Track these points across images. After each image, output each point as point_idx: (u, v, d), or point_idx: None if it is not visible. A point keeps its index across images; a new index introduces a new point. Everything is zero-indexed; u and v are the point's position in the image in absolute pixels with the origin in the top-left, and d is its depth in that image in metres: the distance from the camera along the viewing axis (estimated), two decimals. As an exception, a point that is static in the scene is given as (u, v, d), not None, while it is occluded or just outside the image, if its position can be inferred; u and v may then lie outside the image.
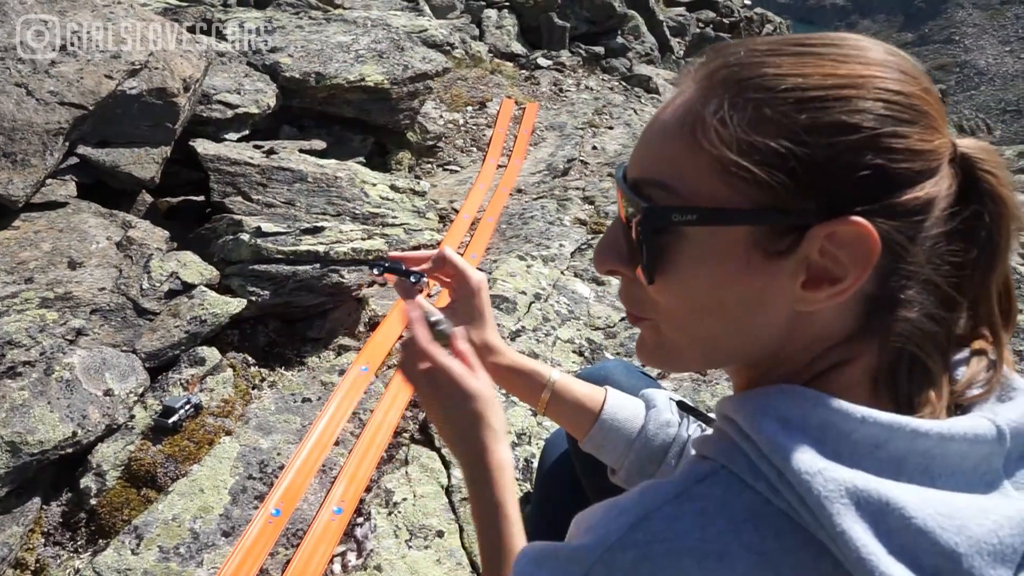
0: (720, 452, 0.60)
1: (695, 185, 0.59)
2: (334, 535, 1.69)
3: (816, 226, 0.56)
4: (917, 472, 0.54)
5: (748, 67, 0.59)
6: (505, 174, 3.94)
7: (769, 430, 0.56)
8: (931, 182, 0.56)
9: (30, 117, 2.39)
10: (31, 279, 2.12)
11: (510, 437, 1.99)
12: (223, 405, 1.98)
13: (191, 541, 1.64)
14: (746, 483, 0.56)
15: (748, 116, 0.57)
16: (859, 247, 0.55)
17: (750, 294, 0.60)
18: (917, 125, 0.56)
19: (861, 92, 0.56)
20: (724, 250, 0.59)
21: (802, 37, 0.60)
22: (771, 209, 0.57)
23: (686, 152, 0.60)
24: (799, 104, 0.56)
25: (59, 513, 1.73)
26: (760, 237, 0.58)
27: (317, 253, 2.27)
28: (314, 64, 3.51)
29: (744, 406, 0.60)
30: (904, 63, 0.59)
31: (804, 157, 0.55)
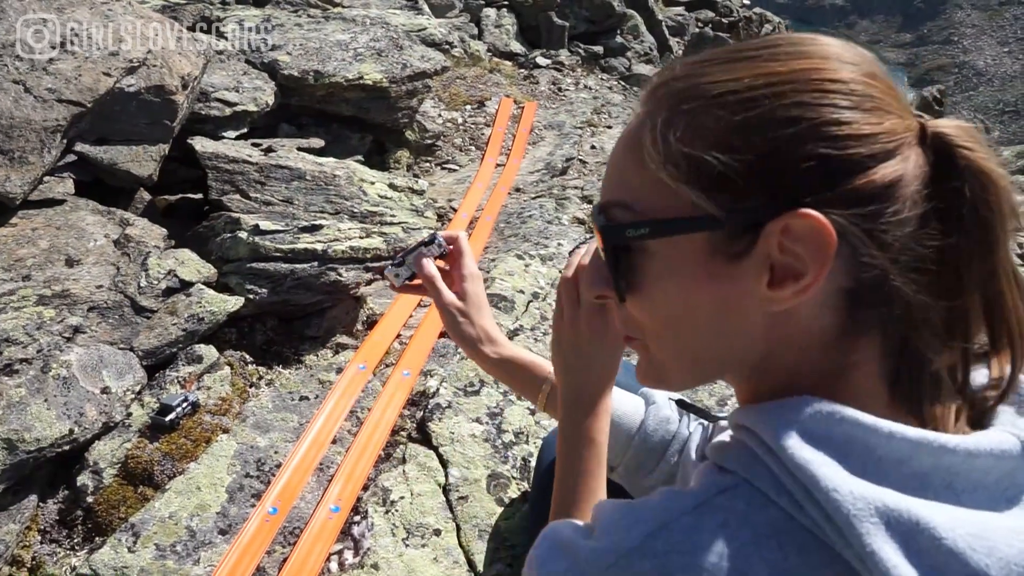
0: (741, 464, 0.59)
1: (648, 201, 0.61)
2: (331, 533, 1.69)
3: (769, 223, 0.56)
4: (941, 487, 0.53)
5: (683, 79, 0.61)
6: (503, 173, 3.93)
7: (793, 445, 0.55)
8: (888, 164, 0.55)
9: (28, 114, 2.38)
10: (28, 276, 2.11)
11: (508, 437, 1.99)
12: (220, 403, 1.98)
13: (188, 539, 1.64)
14: (769, 498, 0.55)
15: (684, 126, 0.58)
16: (813, 239, 0.55)
17: (719, 301, 0.60)
18: (860, 110, 0.56)
19: (795, 86, 0.56)
20: (686, 260, 0.60)
21: (739, 45, 0.62)
22: (723, 211, 0.57)
23: (635, 170, 0.62)
24: (732, 106, 0.57)
25: (56, 511, 1.73)
26: (717, 242, 0.58)
27: (315, 251, 2.27)
28: (313, 62, 3.51)
29: (765, 418, 0.59)
30: (844, 52, 0.59)
31: (744, 157, 0.56)
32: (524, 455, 1.95)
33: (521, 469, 1.92)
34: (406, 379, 2.16)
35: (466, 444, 1.94)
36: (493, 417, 2.04)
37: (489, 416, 2.04)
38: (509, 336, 2.35)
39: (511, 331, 2.36)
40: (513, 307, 2.47)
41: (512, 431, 2.01)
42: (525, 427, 2.03)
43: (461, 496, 1.80)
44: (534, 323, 2.44)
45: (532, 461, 1.94)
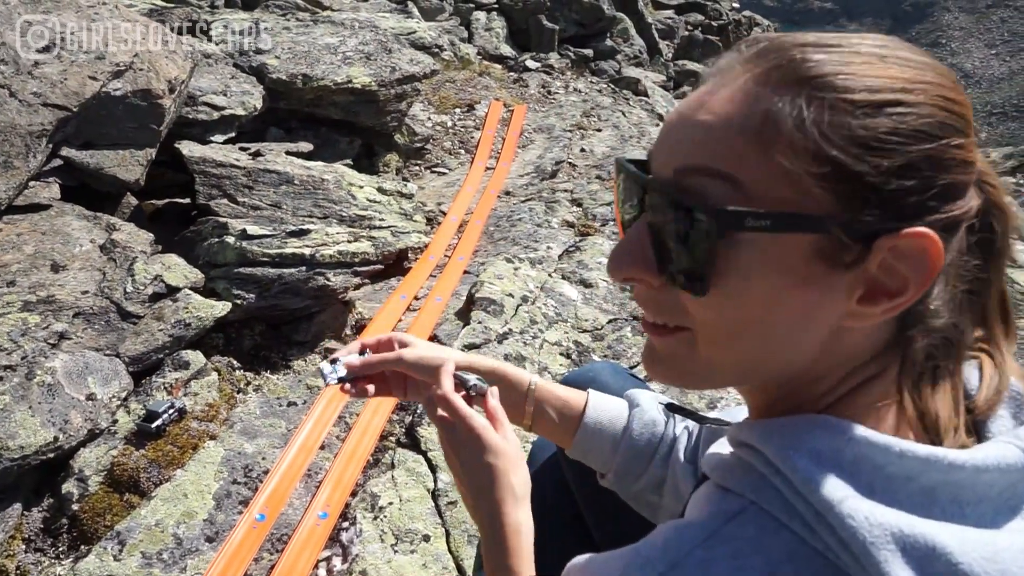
0: (748, 487, 0.57)
1: (764, 186, 0.54)
2: (319, 540, 1.68)
3: (883, 237, 0.53)
4: (948, 502, 0.53)
5: (815, 65, 0.55)
6: (493, 176, 3.93)
7: (804, 467, 0.53)
8: (971, 195, 0.56)
9: (13, 119, 2.36)
10: (13, 282, 2.10)
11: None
12: (207, 409, 1.96)
13: (174, 547, 1.62)
14: (780, 522, 0.54)
15: (822, 119, 0.53)
16: (923, 260, 0.53)
17: (804, 307, 0.56)
18: (966, 136, 0.56)
19: (927, 98, 0.54)
20: (785, 260, 0.55)
21: (850, 36, 0.58)
22: (842, 217, 0.53)
23: (755, 149, 0.55)
24: (872, 109, 0.53)
25: (40, 519, 1.71)
26: (825, 247, 0.54)
27: (303, 256, 2.26)
28: (301, 66, 3.50)
29: (773, 438, 0.57)
30: (945, 69, 0.58)
31: (882, 165, 0.53)
32: (513, 459, 1.95)
33: (510, 474, 1.91)
34: (395, 384, 2.14)
35: (455, 449, 1.94)
36: (482, 421, 2.04)
37: (478, 421, 2.04)
38: (497, 340, 2.34)
39: (500, 335, 2.36)
40: (502, 311, 2.47)
41: (501, 435, 2.00)
42: (514, 431, 2.03)
43: (450, 501, 1.79)
44: (523, 326, 2.43)
45: (521, 465, 1.93)
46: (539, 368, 2.29)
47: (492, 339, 2.34)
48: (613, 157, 4.23)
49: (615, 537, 0.73)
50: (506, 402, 1.07)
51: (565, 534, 1.39)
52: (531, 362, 2.30)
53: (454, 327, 2.45)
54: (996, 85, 53.55)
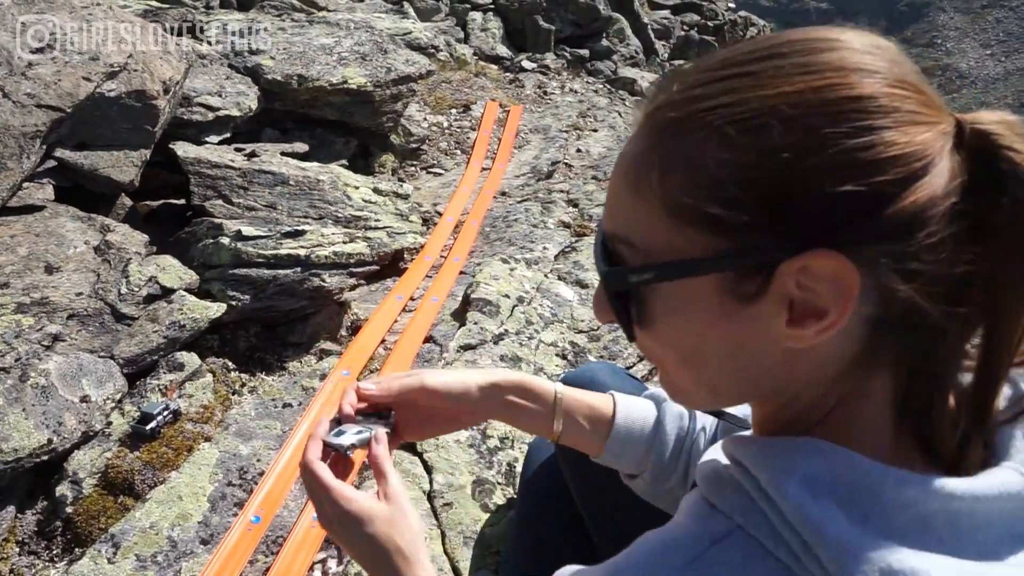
0: (736, 509, 0.55)
1: (652, 239, 0.56)
2: (314, 542, 1.68)
3: (784, 263, 0.51)
4: (946, 531, 0.51)
5: (681, 105, 0.54)
6: (489, 177, 3.93)
7: (796, 495, 0.52)
8: (920, 185, 0.49)
9: (6, 120, 2.36)
10: (7, 284, 2.09)
11: (493, 443, 1.98)
12: (202, 411, 1.96)
13: (169, 549, 1.62)
14: (766, 548, 0.52)
15: (686, 162, 0.53)
16: (834, 280, 0.50)
17: (735, 338, 0.56)
18: (885, 130, 0.49)
19: (806, 110, 0.50)
20: (696, 300, 0.55)
21: (740, 55, 0.54)
22: (732, 253, 0.52)
23: (636, 204, 0.56)
24: (738, 138, 0.51)
25: (34, 521, 1.70)
26: (728, 283, 0.53)
27: (298, 257, 2.25)
28: (296, 66, 3.49)
29: (766, 461, 0.55)
30: (864, 58, 0.52)
31: (752, 195, 0.51)
32: (509, 461, 1.95)
33: (506, 475, 1.91)
34: (390, 385, 2.14)
35: (451, 450, 1.93)
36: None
37: (474, 422, 2.03)
38: (493, 341, 2.34)
39: (496, 335, 2.36)
40: (498, 311, 2.46)
41: (497, 436, 2.00)
42: (510, 432, 2.02)
43: (446, 503, 1.78)
44: (519, 327, 2.43)
45: (518, 467, 1.93)
46: (535, 369, 2.29)
47: (488, 340, 2.33)
48: (609, 157, 4.23)
49: (614, 537, 0.74)
50: (534, 416, 1.05)
51: (563, 535, 1.39)
52: (527, 363, 2.30)
53: (450, 328, 2.45)
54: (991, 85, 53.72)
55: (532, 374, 2.23)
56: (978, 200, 0.51)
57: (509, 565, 1.50)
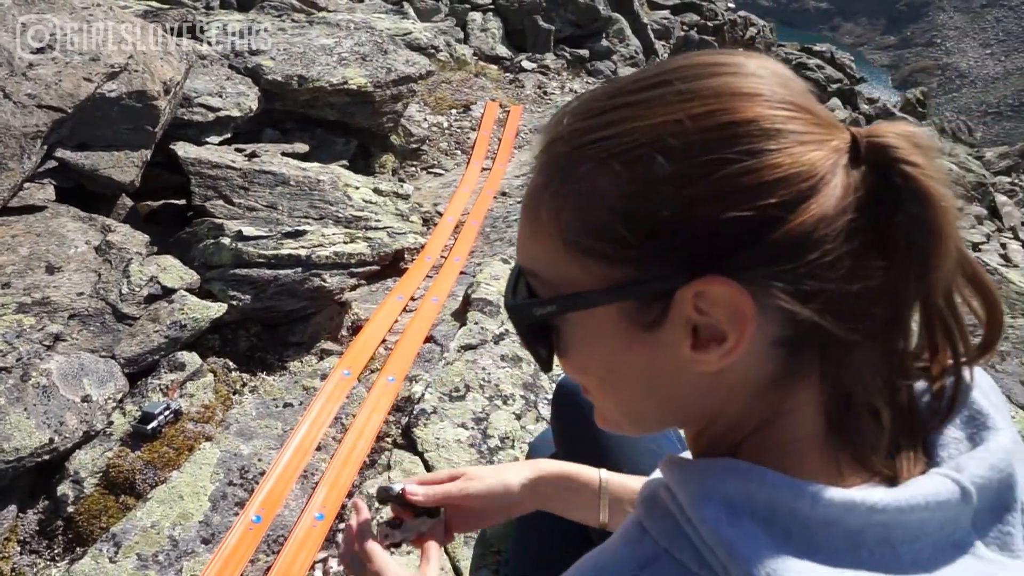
0: (663, 533, 0.55)
1: (554, 271, 0.57)
2: (316, 541, 1.68)
3: (679, 290, 0.51)
4: (876, 543, 0.50)
5: (568, 139, 0.55)
6: (489, 177, 3.93)
7: (711, 518, 0.51)
8: (808, 205, 0.49)
9: (7, 120, 2.36)
10: (8, 284, 2.09)
11: (494, 442, 1.98)
12: (203, 411, 1.96)
13: (170, 548, 1.62)
14: (691, 571, 0.52)
15: (576, 196, 0.53)
16: (728, 306, 0.50)
17: (644, 365, 0.56)
18: (768, 152, 0.49)
19: (686, 139, 0.50)
20: (603, 329, 0.56)
21: (628, 84, 0.55)
22: (627, 284, 0.53)
23: (538, 239, 0.57)
24: (621, 170, 0.51)
25: (36, 521, 1.71)
26: (630, 311, 0.54)
27: (299, 257, 2.26)
28: (297, 67, 3.50)
29: (687, 485, 0.55)
30: (745, 83, 0.52)
31: (640, 226, 0.51)
32: (510, 460, 1.95)
33: (507, 474, 1.91)
34: (391, 385, 2.15)
35: (452, 449, 1.94)
36: (479, 422, 2.04)
37: (475, 421, 2.04)
38: (494, 341, 2.35)
39: (496, 335, 2.36)
40: (498, 311, 2.47)
41: (498, 436, 2.01)
42: (510, 432, 2.03)
43: (446, 502, 1.79)
44: (519, 327, 2.43)
45: (518, 466, 1.93)
46: (535, 368, 2.29)
47: (488, 340, 2.34)
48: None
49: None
50: (580, 507, 1.08)
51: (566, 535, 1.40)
52: (528, 362, 2.30)
53: (450, 328, 2.45)
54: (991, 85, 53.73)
55: (533, 374, 2.24)
56: (876, 214, 0.50)
57: (511, 566, 1.51)
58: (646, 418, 0.63)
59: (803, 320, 0.51)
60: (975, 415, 0.58)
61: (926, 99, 13.29)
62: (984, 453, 0.55)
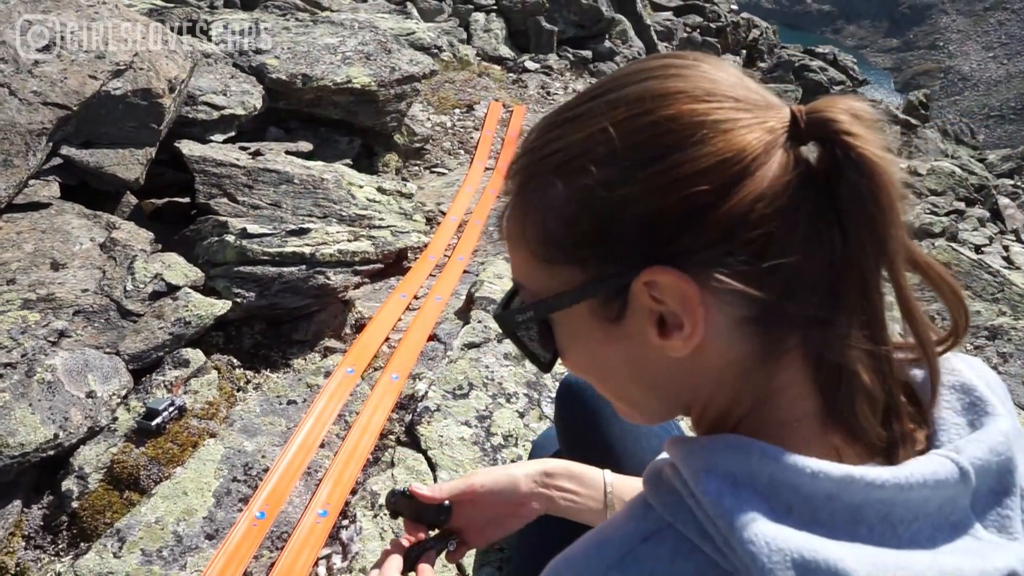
0: (668, 507, 0.56)
1: (531, 280, 0.63)
2: (319, 538, 1.68)
3: (633, 283, 0.55)
4: (876, 521, 0.51)
5: (527, 155, 0.61)
6: (493, 177, 3.94)
7: (714, 490, 0.53)
8: (740, 188, 0.51)
9: (13, 117, 2.37)
10: (13, 280, 2.10)
11: (497, 440, 1.98)
12: (207, 407, 1.97)
13: (174, 544, 1.62)
14: (694, 544, 0.53)
15: (532, 205, 0.59)
16: (675, 293, 0.53)
17: (625, 358, 0.61)
18: (692, 146, 0.51)
19: (613, 143, 0.54)
20: (580, 328, 0.61)
21: (578, 98, 0.60)
22: (586, 283, 0.58)
23: (515, 252, 0.63)
24: (565, 176, 0.56)
25: (40, 516, 1.71)
26: (597, 308, 0.58)
27: (303, 255, 2.26)
28: (301, 66, 3.50)
29: (690, 460, 0.56)
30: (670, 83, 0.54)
31: (586, 227, 0.56)
32: (513, 458, 1.95)
33: (510, 472, 1.91)
34: (394, 383, 2.15)
35: (455, 447, 1.94)
36: (482, 420, 2.04)
37: (478, 419, 2.04)
38: (497, 340, 2.35)
39: (500, 334, 2.36)
40: (502, 310, 2.47)
41: (501, 434, 2.01)
42: (514, 430, 2.03)
43: (450, 499, 1.79)
44: (523, 326, 2.43)
45: (521, 464, 1.93)
46: (539, 367, 2.29)
47: (492, 338, 2.34)
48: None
49: None
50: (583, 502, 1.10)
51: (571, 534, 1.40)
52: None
53: (454, 326, 2.45)
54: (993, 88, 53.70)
55: (535, 374, 2.24)
56: (825, 188, 0.52)
57: (514, 564, 1.51)
58: (648, 406, 0.66)
59: (763, 299, 0.53)
60: (976, 402, 0.59)
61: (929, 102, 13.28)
62: (983, 436, 0.56)
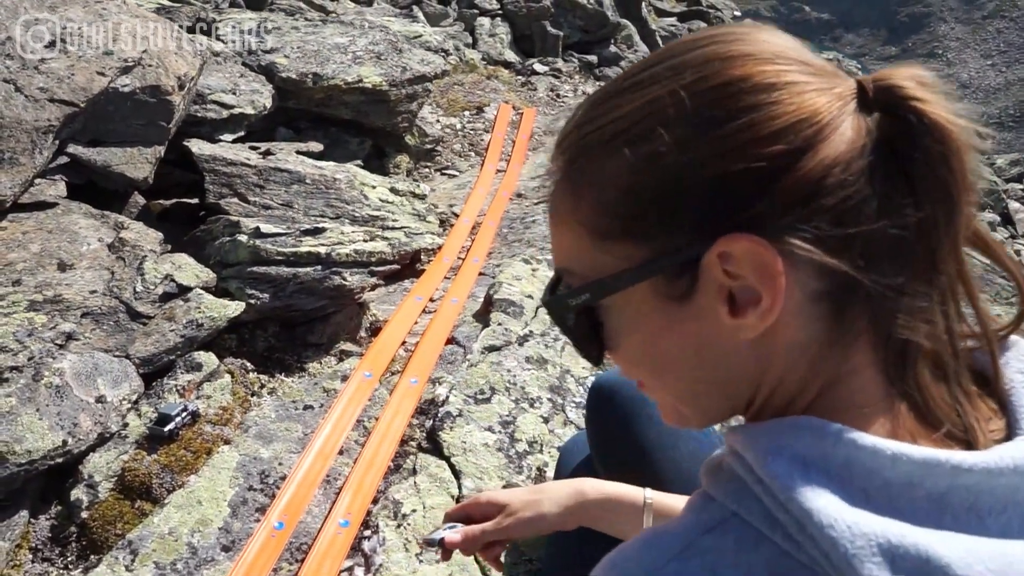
0: (730, 495, 0.52)
1: (584, 262, 0.58)
2: (341, 549, 1.60)
3: (704, 256, 0.51)
4: (962, 510, 0.47)
5: (578, 129, 0.57)
6: (504, 179, 3.87)
7: (784, 474, 0.49)
8: (816, 151, 0.49)
9: (19, 114, 2.30)
10: (19, 281, 2.02)
11: (522, 446, 1.91)
12: (221, 413, 1.89)
13: (189, 556, 1.55)
14: (762, 533, 0.49)
15: (587, 181, 0.56)
16: (753, 263, 0.50)
17: (690, 342, 0.56)
18: (763, 106, 0.49)
19: (679, 106, 0.51)
20: (640, 311, 0.56)
21: (630, 69, 0.57)
22: (651, 259, 0.54)
23: (565, 234, 0.59)
24: (624, 146, 0.53)
25: (48, 527, 1.63)
26: (661, 287, 0.54)
27: (318, 255, 2.19)
28: (311, 65, 3.44)
29: (755, 443, 0.52)
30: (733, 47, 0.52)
31: (650, 197, 0.52)
32: (539, 465, 1.88)
33: (536, 479, 1.84)
34: (414, 387, 2.07)
35: (479, 454, 1.86)
36: (505, 426, 1.96)
37: (501, 425, 1.96)
38: (518, 343, 2.27)
39: (521, 337, 2.29)
40: (522, 312, 2.40)
41: (526, 440, 1.93)
42: (539, 436, 1.96)
43: (476, 508, 1.71)
44: (543, 328, 2.36)
45: (548, 471, 1.86)
46: (561, 371, 2.22)
47: (513, 341, 2.26)
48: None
49: None
50: (622, 523, 1.06)
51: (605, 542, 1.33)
52: (553, 364, 2.23)
53: (472, 329, 2.38)
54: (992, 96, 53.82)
55: (558, 376, 2.17)
56: (896, 155, 0.50)
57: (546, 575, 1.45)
58: (705, 402, 0.61)
59: (838, 271, 0.50)
60: None
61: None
62: None
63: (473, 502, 1.14)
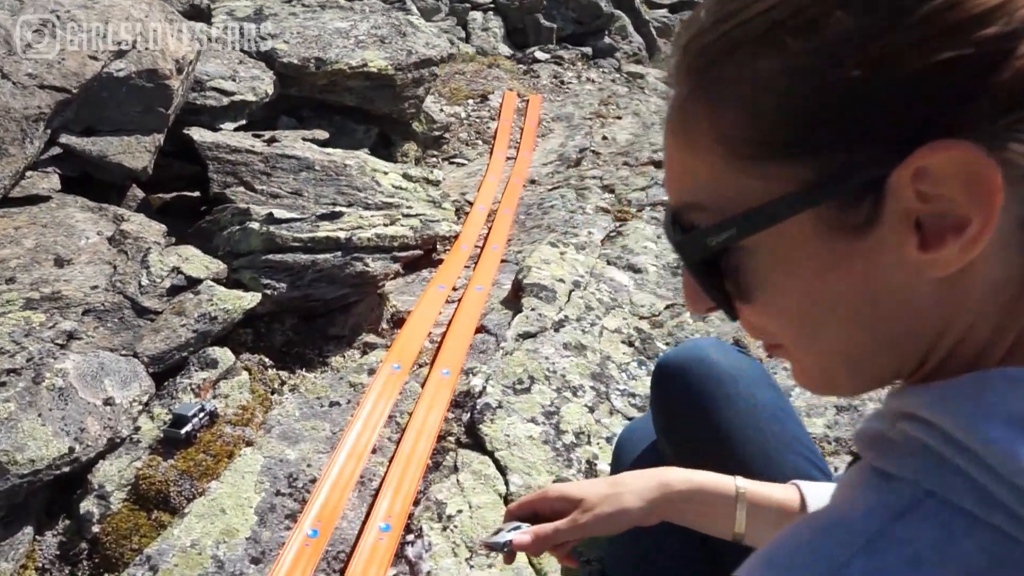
0: (922, 471, 0.42)
1: (723, 192, 0.47)
2: (384, 556, 1.44)
3: (892, 174, 0.40)
4: None
5: (714, 28, 0.45)
6: (516, 165, 3.72)
7: (1004, 437, 0.39)
8: None
9: (7, 102, 2.13)
10: (13, 279, 1.85)
11: (569, 438, 1.76)
12: (241, 412, 1.73)
13: (215, 571, 1.38)
14: (975, 516, 0.39)
15: (735, 89, 0.44)
16: (965, 176, 0.39)
17: (859, 285, 0.45)
18: None
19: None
20: (797, 250, 0.45)
21: None
22: (821, 180, 0.42)
23: (694, 160, 0.48)
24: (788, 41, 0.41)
25: (56, 544, 1.47)
26: (829, 217, 0.43)
27: (338, 240, 2.02)
28: (313, 50, 3.27)
29: (950, 404, 0.43)
30: None
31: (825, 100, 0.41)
32: (588, 457, 1.72)
33: (587, 473, 1.69)
34: (446, 378, 1.92)
35: (524, 447, 1.71)
36: (549, 417, 1.81)
37: (544, 416, 1.81)
38: (554, 328, 2.12)
39: (556, 322, 2.13)
40: (555, 297, 2.24)
41: (572, 431, 1.78)
42: (585, 427, 1.80)
43: (528, 506, 1.55)
44: (579, 313, 2.21)
45: (598, 464, 1.71)
46: (601, 357, 2.07)
47: (548, 327, 2.11)
48: (637, 144, 4.03)
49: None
50: (711, 515, 0.95)
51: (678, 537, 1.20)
52: (592, 350, 2.07)
53: (502, 316, 2.22)
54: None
55: (599, 362, 2.02)
56: None
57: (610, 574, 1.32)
58: (869, 363, 0.49)
59: None
60: None
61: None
62: None
63: (541, 497, 1.02)
